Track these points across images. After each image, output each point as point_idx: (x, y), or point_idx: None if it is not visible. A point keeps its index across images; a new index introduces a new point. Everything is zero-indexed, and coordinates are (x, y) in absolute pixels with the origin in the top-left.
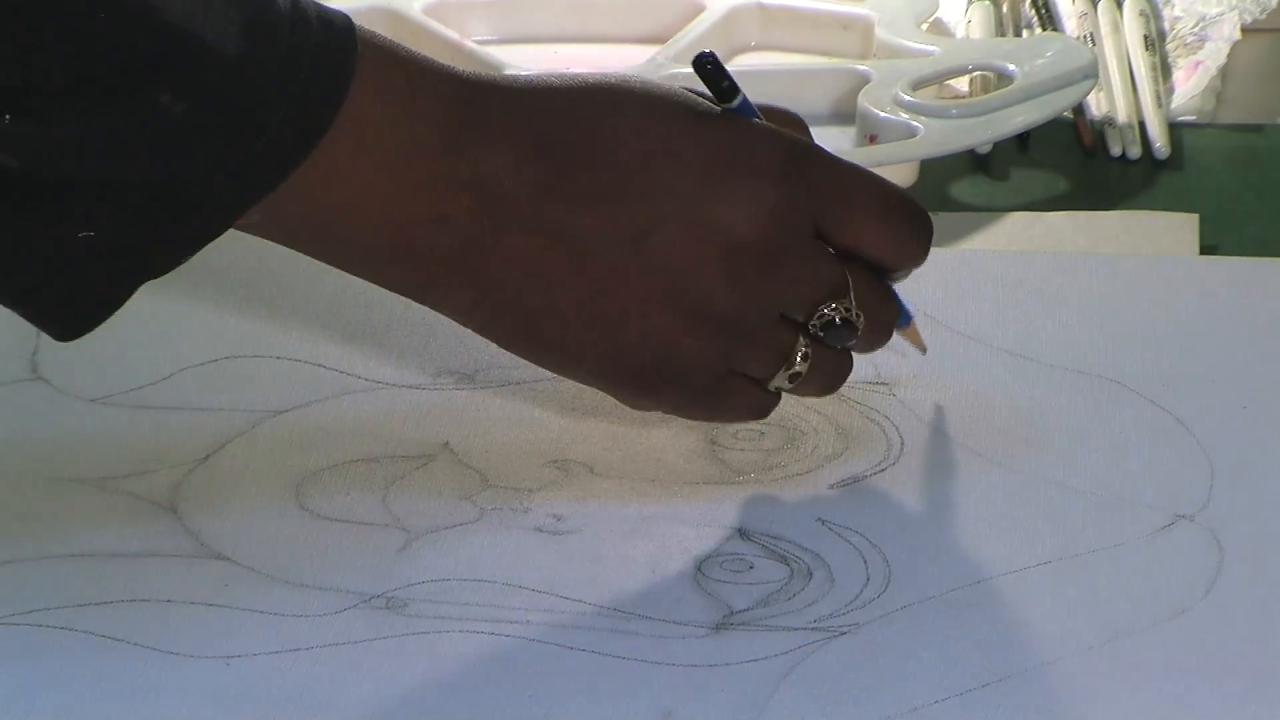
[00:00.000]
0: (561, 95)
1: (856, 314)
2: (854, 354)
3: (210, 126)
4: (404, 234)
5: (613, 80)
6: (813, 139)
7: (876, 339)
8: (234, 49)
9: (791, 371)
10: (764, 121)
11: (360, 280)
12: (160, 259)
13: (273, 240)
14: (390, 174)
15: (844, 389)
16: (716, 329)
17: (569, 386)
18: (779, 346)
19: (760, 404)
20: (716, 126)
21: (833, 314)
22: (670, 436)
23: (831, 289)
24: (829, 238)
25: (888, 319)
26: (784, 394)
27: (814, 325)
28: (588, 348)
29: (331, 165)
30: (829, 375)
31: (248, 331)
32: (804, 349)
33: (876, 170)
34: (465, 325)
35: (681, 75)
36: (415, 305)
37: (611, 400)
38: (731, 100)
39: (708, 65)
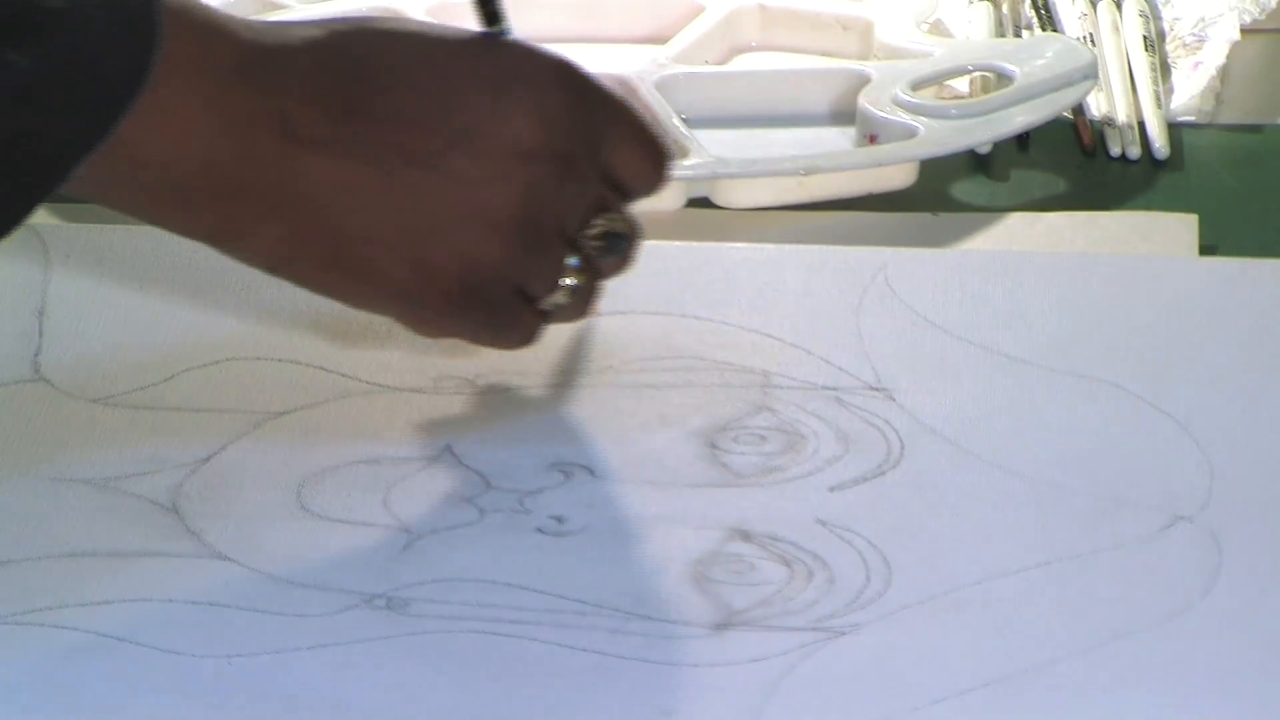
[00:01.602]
0: (339, 32)
1: (626, 225)
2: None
3: (53, 77)
4: (217, 172)
5: (376, 19)
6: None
7: (629, 260)
8: (59, 3)
9: (571, 285)
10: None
11: None
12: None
13: (97, 200)
14: (205, 112)
15: (844, 395)
16: (515, 238)
17: (569, 391)
18: (560, 259)
19: (530, 328)
20: (491, 46)
21: (610, 224)
22: (671, 441)
23: (603, 201)
24: (592, 152)
25: (638, 242)
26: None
27: (591, 235)
28: (399, 268)
29: (159, 106)
30: (592, 297)
31: (250, 333)
32: (580, 263)
33: (876, 170)
34: (274, 271)
35: (681, 75)
36: None
37: (613, 404)
38: (496, 27)
39: None
